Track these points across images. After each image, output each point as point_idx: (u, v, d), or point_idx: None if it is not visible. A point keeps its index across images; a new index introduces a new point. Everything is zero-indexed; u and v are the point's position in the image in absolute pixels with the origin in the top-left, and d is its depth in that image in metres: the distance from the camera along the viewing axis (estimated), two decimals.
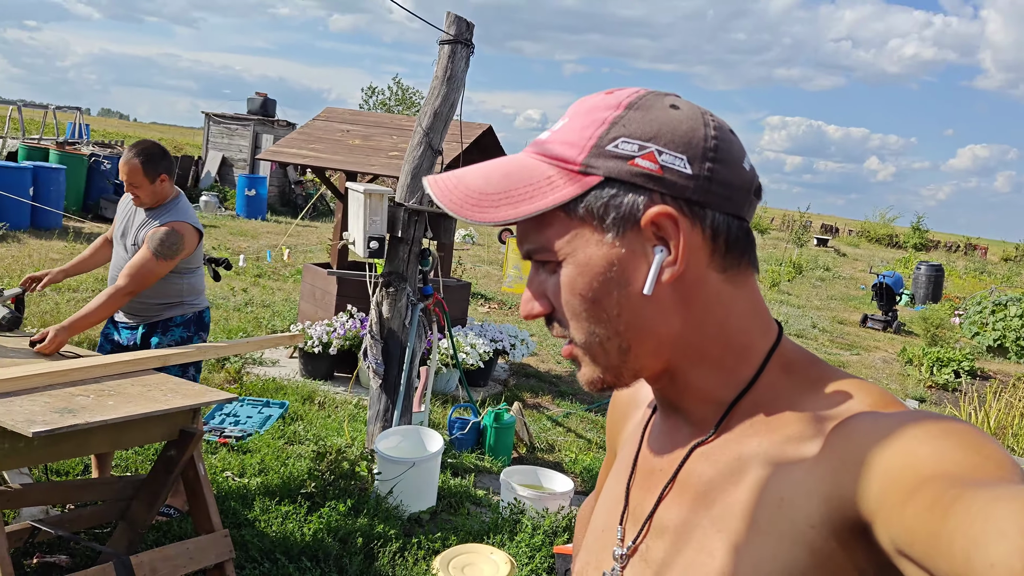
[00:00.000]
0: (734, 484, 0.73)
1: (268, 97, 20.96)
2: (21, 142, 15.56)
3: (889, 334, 13.77)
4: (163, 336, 3.78)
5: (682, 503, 0.78)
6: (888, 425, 0.65)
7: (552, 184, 0.74)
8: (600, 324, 0.75)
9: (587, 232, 0.74)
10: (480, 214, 0.73)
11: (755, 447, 0.74)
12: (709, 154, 0.73)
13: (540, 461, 5.44)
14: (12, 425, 2.55)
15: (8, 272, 8.76)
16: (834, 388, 0.74)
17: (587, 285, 0.74)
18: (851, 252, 35.63)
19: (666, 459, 0.82)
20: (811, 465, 0.68)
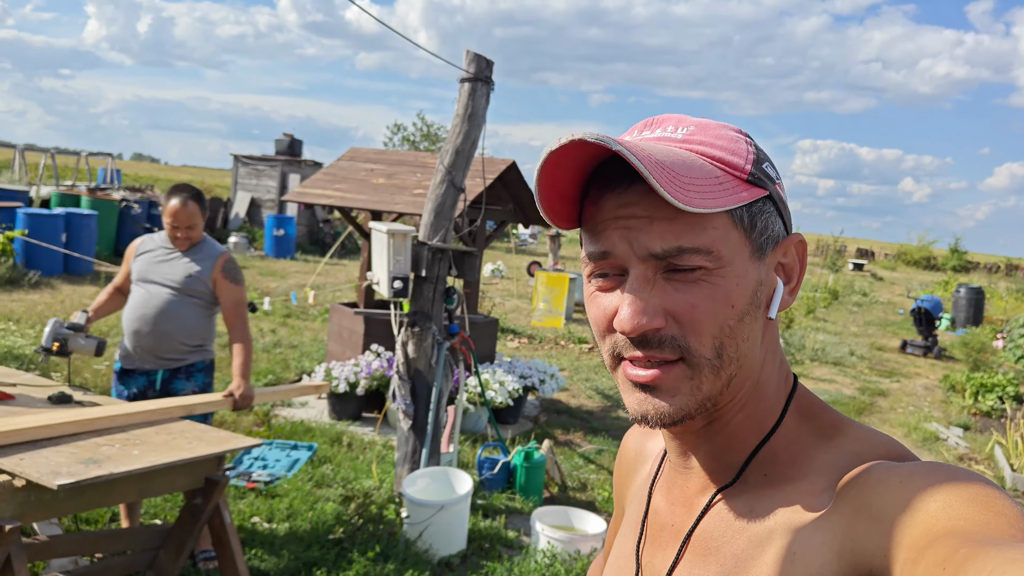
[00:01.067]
0: (747, 539, 0.71)
1: (295, 137, 21.26)
2: (54, 189, 15.87)
3: (930, 360, 13.48)
4: (187, 382, 3.79)
5: (695, 561, 0.75)
6: (900, 478, 0.63)
7: (723, 185, 0.68)
8: (734, 343, 0.70)
9: (743, 243, 0.70)
10: (678, 190, 0.64)
11: (769, 499, 0.72)
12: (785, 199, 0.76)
13: (572, 500, 5.33)
14: (38, 477, 2.53)
15: (41, 318, 8.87)
16: (847, 438, 0.72)
17: (741, 298, 0.69)
18: (888, 276, 35.15)
19: (679, 515, 0.79)
20: (823, 518, 0.66)
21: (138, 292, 3.77)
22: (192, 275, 3.72)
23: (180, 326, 3.71)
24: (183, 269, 3.73)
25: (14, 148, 19.35)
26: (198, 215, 3.73)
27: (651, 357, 0.69)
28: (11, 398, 3.33)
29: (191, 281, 3.71)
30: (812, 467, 0.71)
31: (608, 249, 0.70)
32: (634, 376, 0.70)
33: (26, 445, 2.77)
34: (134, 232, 14.97)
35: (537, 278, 13.09)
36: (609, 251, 0.70)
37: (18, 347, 6.69)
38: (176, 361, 3.76)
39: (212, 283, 3.75)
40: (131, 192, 16.69)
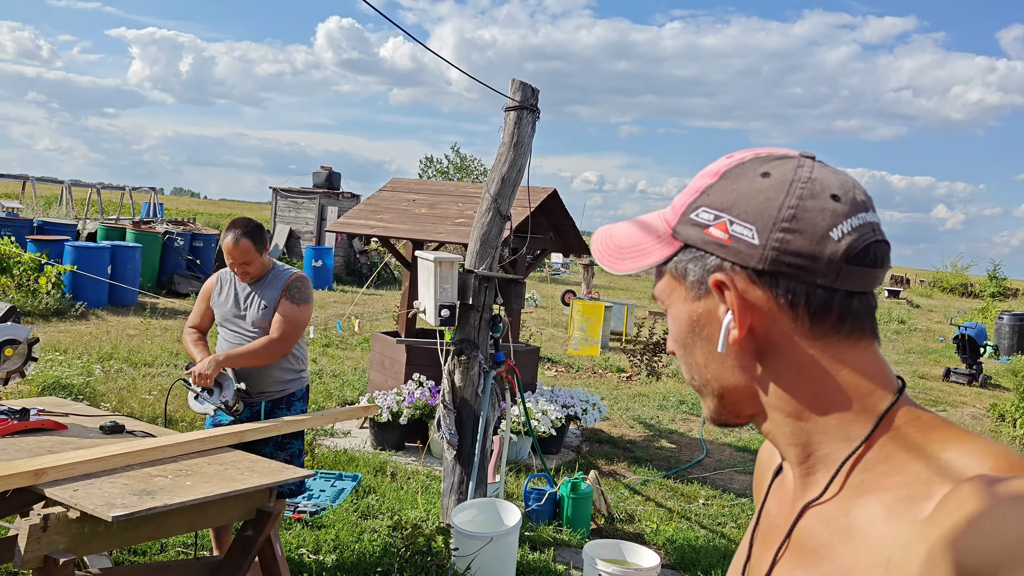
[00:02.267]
0: (844, 543, 0.72)
1: (333, 170, 21.50)
2: (100, 223, 16.19)
3: (976, 388, 13.14)
4: (288, 411, 3.84)
5: (794, 562, 0.78)
6: (1007, 492, 0.62)
7: (659, 243, 0.83)
8: (693, 370, 0.84)
9: (680, 288, 0.82)
10: (612, 264, 0.85)
11: (865, 505, 0.72)
12: (782, 224, 0.74)
13: (620, 532, 5.23)
14: (92, 509, 2.52)
15: (88, 349, 8.99)
16: (954, 449, 0.71)
17: (679, 334, 0.83)
18: (924, 303, 34.51)
19: (782, 516, 0.83)
20: (921, 528, 0.66)
21: (225, 333, 3.84)
22: (268, 306, 3.76)
23: (272, 364, 3.77)
24: (256, 304, 3.77)
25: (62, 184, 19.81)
26: (251, 251, 3.71)
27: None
28: (64, 428, 3.34)
29: (267, 314, 3.75)
30: (915, 476, 0.71)
31: None
32: None
33: (80, 476, 2.77)
34: (177, 264, 15.18)
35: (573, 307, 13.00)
36: None
37: (66, 377, 6.77)
38: (276, 393, 3.82)
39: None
40: (174, 225, 16.97)
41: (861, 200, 0.77)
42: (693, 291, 0.80)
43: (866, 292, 0.77)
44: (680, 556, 4.84)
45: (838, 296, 0.75)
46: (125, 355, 8.92)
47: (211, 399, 3.63)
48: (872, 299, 0.78)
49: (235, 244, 3.68)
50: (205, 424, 3.90)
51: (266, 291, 3.78)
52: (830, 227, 0.74)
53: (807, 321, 0.75)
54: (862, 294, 0.76)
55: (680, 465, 6.94)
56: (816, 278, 0.74)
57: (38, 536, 2.49)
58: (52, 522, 2.52)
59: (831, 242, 0.74)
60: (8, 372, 3.42)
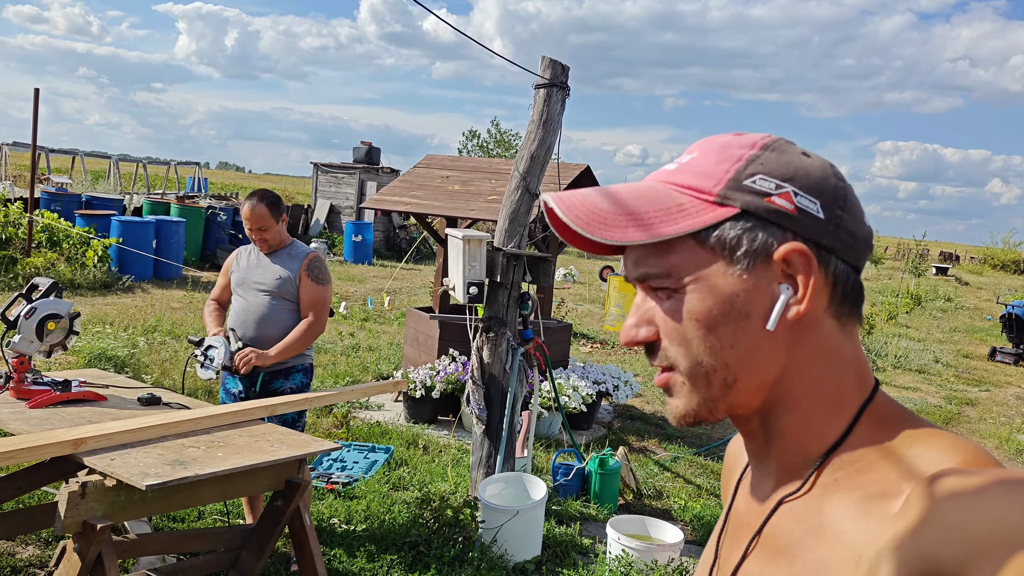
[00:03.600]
0: (815, 540, 0.72)
1: (373, 146, 21.64)
2: (146, 197, 16.52)
3: (1022, 368, 12.88)
4: (286, 381, 3.92)
5: (765, 559, 0.77)
6: (974, 485, 0.62)
7: (684, 211, 0.75)
8: (711, 353, 0.76)
9: (715, 261, 0.75)
10: (608, 232, 0.75)
11: (838, 503, 0.72)
12: (840, 202, 0.75)
13: (648, 508, 5.27)
14: (127, 478, 2.63)
15: (133, 321, 9.23)
16: (924, 445, 0.72)
17: (707, 312, 0.75)
18: (974, 280, 33.76)
19: (753, 513, 0.82)
20: (892, 523, 0.66)
21: (237, 300, 3.98)
22: (282, 278, 3.87)
23: (278, 329, 3.87)
24: (274, 272, 3.89)
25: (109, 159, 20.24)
26: (268, 216, 3.87)
27: (656, 365, 0.80)
28: (104, 399, 3.47)
29: (282, 284, 3.86)
30: (887, 474, 0.71)
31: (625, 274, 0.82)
32: (656, 380, 0.81)
33: (117, 446, 2.89)
34: (220, 238, 15.45)
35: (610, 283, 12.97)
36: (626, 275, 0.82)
37: (111, 349, 6.97)
38: (276, 364, 3.89)
39: (298, 282, 3.86)
40: (217, 200, 17.26)
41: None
42: (742, 263, 0.75)
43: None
44: (706, 532, 4.87)
45: (858, 279, 0.78)
46: (168, 328, 9.15)
47: (212, 364, 3.76)
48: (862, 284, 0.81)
49: (252, 209, 3.86)
50: (220, 391, 4.03)
51: (284, 263, 3.91)
52: (863, 212, 0.78)
53: (838, 301, 0.76)
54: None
55: (712, 443, 6.95)
56: (853, 258, 0.76)
57: (77, 503, 2.61)
58: (90, 489, 2.64)
59: (865, 225, 0.78)
60: (51, 345, 3.55)
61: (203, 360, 3.82)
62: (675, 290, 0.76)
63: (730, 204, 0.75)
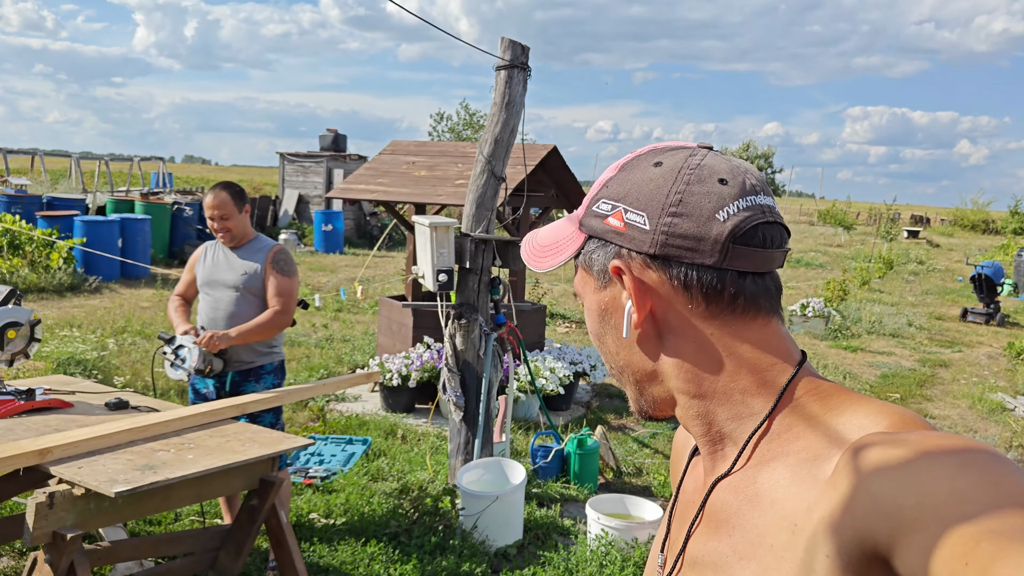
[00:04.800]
0: (752, 509, 0.75)
1: (339, 133, 21.44)
2: (109, 195, 16.26)
3: (992, 327, 13.08)
4: (257, 384, 3.85)
5: (708, 534, 0.80)
6: (900, 453, 0.63)
7: (571, 240, 0.86)
8: (609, 359, 0.86)
9: (589, 280, 0.85)
10: (534, 263, 0.89)
11: (771, 471, 0.75)
12: (670, 209, 0.77)
13: (628, 486, 5.29)
14: (96, 485, 2.58)
15: (101, 323, 9.10)
16: (852, 411, 0.73)
17: (592, 325, 0.87)
18: (945, 242, 34.17)
19: (696, 492, 0.86)
20: (822, 491, 0.67)
21: (205, 298, 3.89)
22: (248, 273, 3.81)
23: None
24: (240, 268, 3.83)
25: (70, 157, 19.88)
26: (230, 203, 3.81)
27: None
28: (70, 406, 3.41)
29: (248, 279, 3.80)
30: (816, 440, 0.73)
31: None
32: None
33: (84, 454, 2.83)
34: (187, 234, 15.26)
35: None
36: None
37: (80, 352, 6.87)
38: (246, 364, 3.83)
39: (264, 275, 3.80)
40: (182, 195, 17.03)
41: (752, 184, 0.79)
42: (599, 280, 0.84)
43: (762, 273, 0.78)
44: None
45: (729, 276, 0.77)
46: (138, 328, 9.03)
47: (183, 365, 3.69)
48: (771, 279, 0.80)
49: (214, 196, 3.81)
50: (188, 391, 3.97)
51: (249, 257, 3.85)
52: (716, 209, 0.76)
53: (701, 301, 0.78)
54: (758, 275, 0.78)
55: None
56: (705, 259, 0.77)
57: (45, 513, 2.56)
58: (58, 499, 2.59)
59: (717, 223, 0.76)
60: (12, 354, 3.48)
61: (173, 359, 3.75)
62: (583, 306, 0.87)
63: (584, 230, 0.85)
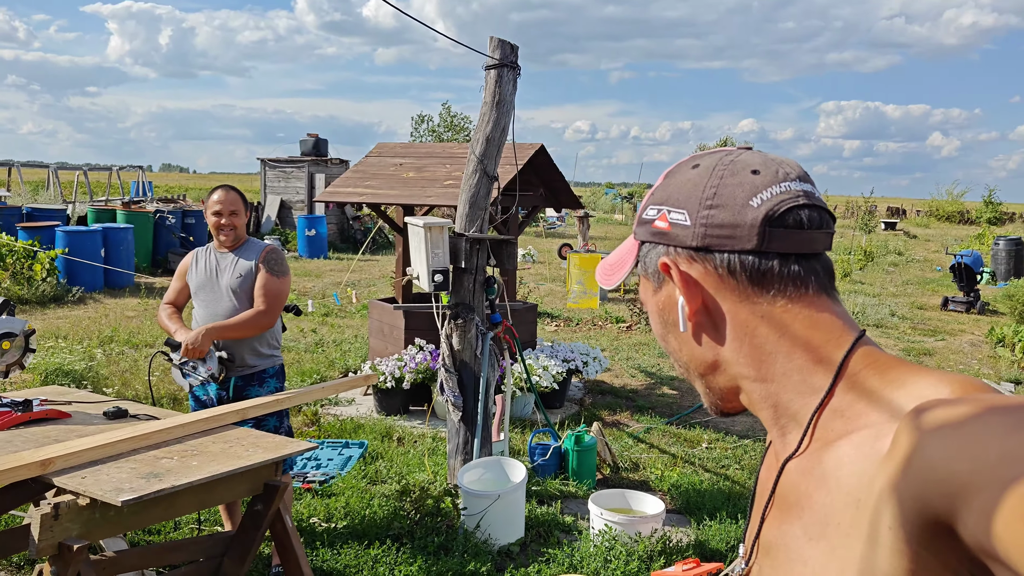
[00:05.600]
0: (819, 489, 0.75)
1: (319, 137, 21.33)
2: (89, 205, 16.10)
3: (973, 315, 13.22)
4: (260, 388, 3.83)
5: (780, 518, 0.81)
6: (951, 417, 0.62)
7: (630, 252, 0.92)
8: (675, 357, 0.91)
9: (647, 284, 0.90)
10: (605, 281, 0.95)
11: (835, 451, 0.75)
12: (706, 203, 0.82)
13: (626, 481, 5.31)
14: (101, 495, 2.56)
15: (87, 333, 9.01)
16: (912, 383, 0.73)
17: (656, 327, 0.91)
18: (921, 233, 34.51)
19: (770, 479, 0.86)
20: (883, 464, 0.67)
21: (201, 304, 3.86)
22: (243, 275, 3.79)
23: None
24: (235, 271, 3.81)
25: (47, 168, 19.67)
26: (240, 203, 3.86)
27: None
28: (68, 416, 3.37)
29: (243, 281, 3.78)
30: (877, 416, 0.73)
31: None
32: None
33: (87, 463, 2.81)
34: (171, 242, 15.14)
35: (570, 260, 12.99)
36: None
37: (68, 363, 6.80)
38: (249, 368, 3.80)
39: (255, 275, 3.78)
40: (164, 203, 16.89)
41: (786, 172, 0.82)
42: (654, 282, 0.89)
43: (807, 255, 0.81)
44: (685, 500, 4.92)
45: (772, 258, 0.80)
46: (126, 337, 8.95)
47: (196, 372, 3.67)
48: (818, 261, 0.82)
49: (225, 193, 3.84)
50: (189, 398, 3.94)
51: (242, 260, 3.83)
52: (749, 196, 0.81)
53: (748, 286, 0.81)
54: (802, 256, 0.81)
55: (682, 411, 7.02)
56: (744, 244, 0.80)
57: (50, 524, 2.54)
58: (63, 510, 2.56)
59: (751, 209, 0.80)
60: (7, 365, 3.44)
61: (182, 367, 3.71)
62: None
63: (637, 239, 0.90)
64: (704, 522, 4.55)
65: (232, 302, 3.77)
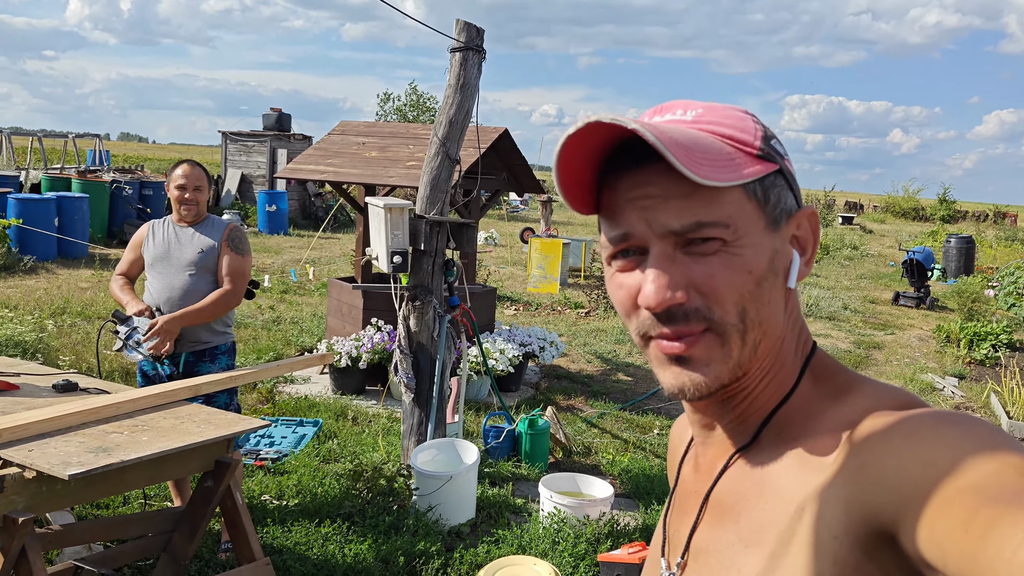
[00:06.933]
0: (758, 495, 0.73)
1: (283, 112, 21.06)
2: (44, 173, 15.75)
3: (923, 311, 13.54)
4: (212, 364, 3.82)
5: (714, 523, 0.77)
6: (903, 429, 0.63)
7: (734, 161, 0.71)
8: (756, 310, 0.72)
9: (758, 216, 0.72)
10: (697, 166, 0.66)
11: (778, 457, 0.73)
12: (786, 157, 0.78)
13: (577, 465, 5.39)
14: (48, 468, 2.54)
15: (39, 304, 8.85)
16: (858, 394, 0.73)
17: (760, 267, 0.72)
18: (877, 228, 35.14)
19: (701, 481, 0.82)
20: (828, 472, 0.67)
21: (157, 277, 3.81)
22: (204, 250, 3.77)
23: None
24: (195, 245, 3.78)
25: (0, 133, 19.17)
26: (204, 179, 3.85)
27: (679, 332, 0.72)
28: (16, 388, 3.33)
29: (204, 257, 3.76)
30: (823, 425, 0.72)
31: (627, 230, 0.73)
32: (668, 348, 0.72)
33: (34, 436, 2.78)
34: (127, 213, 14.87)
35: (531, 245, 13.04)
36: (629, 232, 0.73)
37: (18, 335, 6.68)
38: (201, 343, 3.78)
39: (219, 252, 3.76)
40: (121, 173, 16.57)
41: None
42: (773, 221, 0.74)
43: None
44: (634, 485, 5.01)
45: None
46: (78, 309, 8.80)
47: (140, 347, 3.64)
48: None
49: (191, 168, 3.84)
50: (137, 374, 3.92)
51: (202, 235, 3.81)
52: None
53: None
54: None
55: (636, 397, 7.12)
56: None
57: None
58: (8, 483, 2.54)
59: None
60: None
61: (125, 341, 3.68)
62: (726, 242, 0.70)
63: (771, 160, 0.73)
64: (652, 506, 4.64)
65: (189, 276, 3.74)
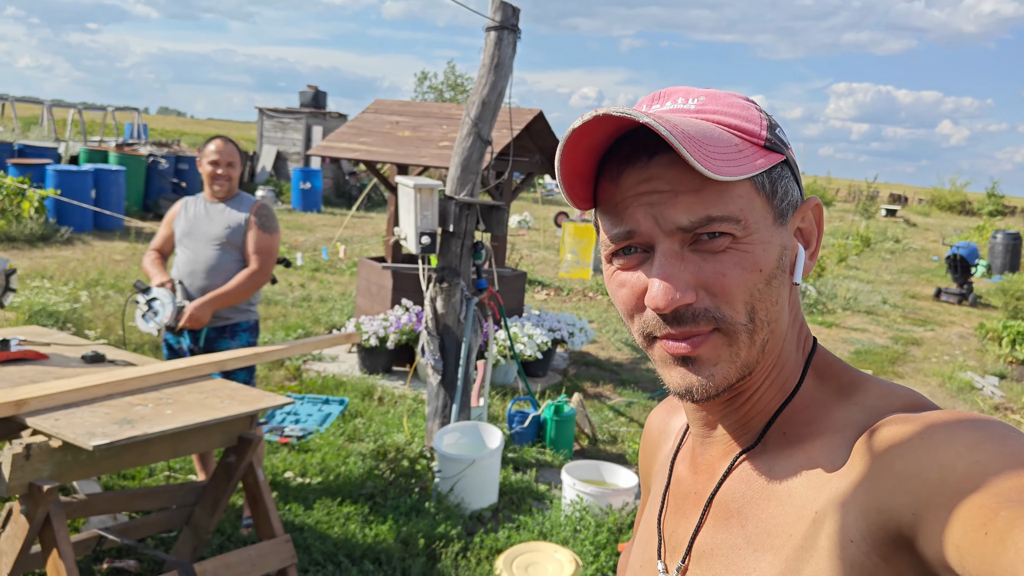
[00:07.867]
0: (767, 499, 0.71)
1: (319, 89, 21.13)
2: (82, 145, 15.95)
3: (965, 307, 13.27)
4: (232, 341, 3.83)
5: (718, 525, 0.76)
6: (920, 431, 0.62)
7: (742, 152, 0.68)
8: (765, 306, 0.70)
9: (766, 210, 0.70)
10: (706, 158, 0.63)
11: (786, 459, 0.72)
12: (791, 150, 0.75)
13: (603, 453, 5.34)
14: (74, 438, 2.55)
15: (74, 275, 8.97)
16: (865, 393, 0.71)
17: (769, 263, 0.69)
18: (921, 222, 34.50)
19: (701, 481, 0.80)
20: (843, 476, 0.66)
21: (184, 251, 3.83)
22: (231, 226, 3.77)
23: (227, 280, 3.76)
24: (223, 221, 3.78)
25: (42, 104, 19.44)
26: (237, 155, 3.84)
27: (686, 333, 0.69)
28: (45, 358, 3.36)
29: (232, 233, 3.76)
30: (830, 425, 0.70)
31: (633, 227, 0.69)
32: (675, 349, 0.70)
33: (61, 406, 2.80)
34: (162, 187, 15.03)
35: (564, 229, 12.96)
36: (634, 229, 0.69)
37: (52, 304, 6.77)
38: (222, 319, 3.79)
39: (246, 230, 3.76)
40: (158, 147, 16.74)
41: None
42: (780, 215, 0.71)
43: None
44: None
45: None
46: (112, 281, 8.91)
47: (156, 318, 3.66)
48: None
49: (224, 143, 3.83)
50: (163, 347, 3.94)
51: (232, 211, 3.81)
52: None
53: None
54: None
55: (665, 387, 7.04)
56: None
57: (21, 464, 2.54)
58: (34, 451, 2.56)
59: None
60: None
61: (145, 311, 3.71)
62: (736, 238, 0.68)
63: (777, 151, 0.71)
64: None
65: (214, 251, 3.75)
